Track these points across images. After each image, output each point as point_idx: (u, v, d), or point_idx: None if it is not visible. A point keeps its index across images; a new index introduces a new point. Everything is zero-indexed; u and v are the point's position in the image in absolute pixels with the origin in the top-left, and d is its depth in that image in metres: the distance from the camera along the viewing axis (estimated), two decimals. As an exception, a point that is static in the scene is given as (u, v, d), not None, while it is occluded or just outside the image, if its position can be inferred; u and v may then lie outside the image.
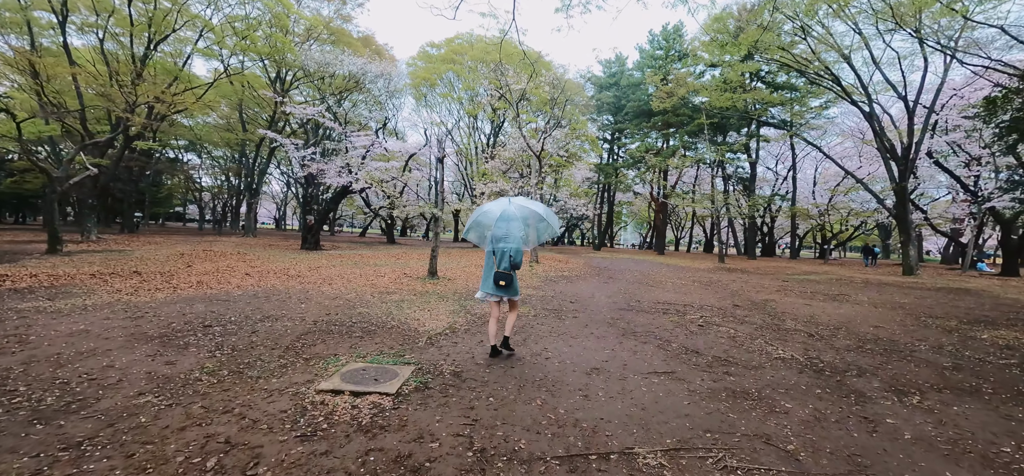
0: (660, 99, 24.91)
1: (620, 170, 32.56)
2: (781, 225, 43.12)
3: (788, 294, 10.64)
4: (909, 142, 18.25)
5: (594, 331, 5.81)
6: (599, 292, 9.88)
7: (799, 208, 31.19)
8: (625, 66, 32.49)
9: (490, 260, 4.36)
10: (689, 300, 9.07)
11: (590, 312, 7.23)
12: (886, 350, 5.27)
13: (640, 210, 50.44)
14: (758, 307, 8.43)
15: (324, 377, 3.75)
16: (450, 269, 13.73)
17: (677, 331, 5.94)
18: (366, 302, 7.58)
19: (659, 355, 4.73)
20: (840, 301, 9.68)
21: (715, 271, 17.78)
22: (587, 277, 13.31)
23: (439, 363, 4.24)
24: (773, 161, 37.25)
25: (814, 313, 7.88)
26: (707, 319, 6.85)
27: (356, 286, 9.43)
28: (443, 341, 5.08)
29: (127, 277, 9.60)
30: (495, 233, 4.36)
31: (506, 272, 4.23)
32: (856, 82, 19.80)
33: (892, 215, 20.19)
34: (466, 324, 6.03)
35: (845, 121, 30.24)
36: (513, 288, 4.31)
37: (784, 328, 6.38)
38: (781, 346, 5.26)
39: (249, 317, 6.15)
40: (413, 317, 6.41)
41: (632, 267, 17.93)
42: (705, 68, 27.43)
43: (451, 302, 7.77)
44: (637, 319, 6.73)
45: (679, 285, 11.93)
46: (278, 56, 23.91)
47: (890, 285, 13.48)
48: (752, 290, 11.32)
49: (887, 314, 8.02)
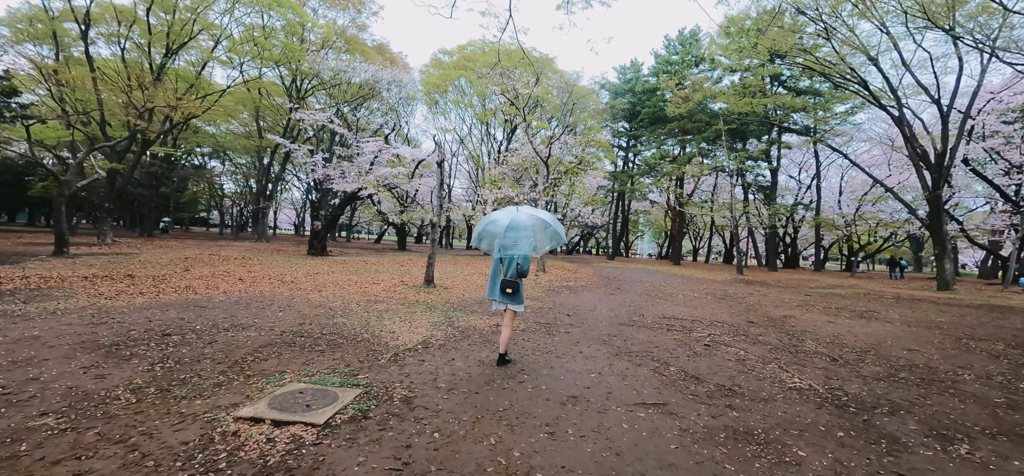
0: (675, 104, 24.11)
1: (634, 178, 31.72)
2: (805, 236, 41.44)
3: (810, 310, 9.79)
4: (943, 148, 17.07)
5: (584, 350, 5.20)
6: (602, 304, 9.24)
7: (824, 218, 29.80)
8: (640, 72, 31.77)
9: (497, 267, 4.38)
10: (699, 315, 8.35)
11: (586, 327, 6.62)
12: (924, 380, 4.52)
13: (657, 219, 49.29)
14: (775, 325, 7.67)
15: (252, 401, 3.26)
16: (450, 277, 13.25)
17: (679, 351, 5.29)
18: (348, 311, 7.12)
19: (652, 381, 4.10)
20: (868, 318, 8.81)
21: (732, 283, 16.86)
22: (593, 288, 12.64)
23: (393, 385, 3.71)
24: (796, 169, 35.88)
25: (838, 332, 7.09)
26: (715, 338, 6.16)
27: (346, 294, 9.01)
28: (409, 358, 4.56)
29: (118, 280, 9.39)
30: (504, 241, 4.36)
31: (512, 280, 4.24)
32: (884, 86, 18.69)
33: (925, 226, 18.92)
34: (443, 338, 5.50)
35: (872, 127, 28.90)
36: (518, 298, 4.31)
37: (803, 350, 5.65)
38: (798, 373, 4.56)
39: (216, 325, 5.75)
40: (389, 329, 5.91)
41: (643, 278, 17.15)
42: (723, 73, 26.53)
43: (438, 313, 7.26)
44: (636, 336, 6.09)
45: (690, 298, 11.17)
46: (294, 64, 24.04)
47: (924, 301, 12.43)
48: (770, 305, 10.49)
49: (922, 335, 7.16)
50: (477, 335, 5.73)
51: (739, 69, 25.49)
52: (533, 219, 4.54)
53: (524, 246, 4.30)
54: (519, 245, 4.29)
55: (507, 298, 4.27)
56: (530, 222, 4.48)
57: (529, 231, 4.41)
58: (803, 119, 27.26)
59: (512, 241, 4.31)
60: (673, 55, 28.62)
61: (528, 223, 4.45)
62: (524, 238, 4.34)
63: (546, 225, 4.64)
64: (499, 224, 4.50)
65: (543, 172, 16.15)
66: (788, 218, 33.95)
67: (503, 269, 4.29)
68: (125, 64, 21.67)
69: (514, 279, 4.24)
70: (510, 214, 4.53)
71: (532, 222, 4.51)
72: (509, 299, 4.28)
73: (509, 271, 4.24)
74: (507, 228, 4.39)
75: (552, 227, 4.68)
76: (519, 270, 4.22)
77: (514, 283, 4.24)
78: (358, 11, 29.96)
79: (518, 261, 4.22)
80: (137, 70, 17.27)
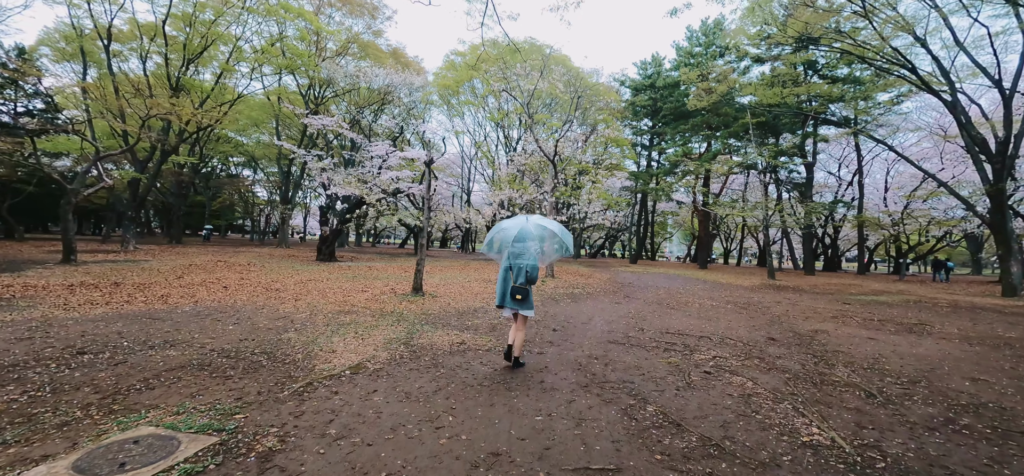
0: (698, 97, 22.54)
1: (657, 177, 30.13)
2: (847, 237, 38.54)
3: (847, 322, 8.42)
4: (1006, 135, 15.03)
5: (548, 378, 4.25)
6: (601, 316, 8.21)
7: (867, 216, 27.38)
8: (662, 67, 30.21)
9: (506, 274, 4.49)
10: (710, 329, 7.21)
11: (566, 346, 5.65)
12: (997, 430, 3.34)
13: (685, 220, 47.17)
14: (801, 342, 6.45)
15: (69, 453, 2.51)
16: (448, 284, 12.48)
17: (668, 382, 4.25)
18: (306, 325, 6.43)
19: (615, 430, 3.12)
20: (919, 334, 7.41)
21: (760, 289, 15.35)
22: (601, 295, 11.58)
23: (267, 430, 2.89)
24: (835, 164, 33.33)
25: (880, 353, 5.83)
26: (721, 361, 5.07)
27: (321, 304, 8.36)
28: (323, 389, 3.75)
29: (100, 289, 9.14)
30: (512, 250, 4.49)
31: (522, 287, 4.35)
32: (934, 69, 16.74)
33: (986, 223, 16.78)
34: (385, 361, 4.67)
35: (921, 116, 26.40)
36: (528, 303, 4.41)
37: (831, 380, 4.49)
38: (819, 415, 3.47)
39: (147, 341, 5.16)
40: (332, 348, 5.14)
41: (662, 283, 15.88)
42: (751, 63, 24.72)
43: (403, 327, 6.45)
44: (623, 358, 5.08)
45: (707, 308, 9.95)
46: (311, 71, 24.03)
47: (987, 310, 10.71)
48: (800, 316, 9.16)
49: (989, 357, 5.80)
50: (427, 357, 4.87)
51: (768, 59, 23.71)
52: (541, 229, 4.68)
53: (531, 254, 4.45)
54: (527, 253, 4.43)
55: (517, 304, 4.38)
56: (538, 232, 4.63)
57: (536, 241, 4.57)
58: (841, 110, 25.08)
59: (521, 250, 4.45)
60: (696, 47, 26.98)
61: (536, 233, 4.60)
62: (531, 247, 4.49)
63: (553, 235, 4.79)
64: (508, 233, 4.64)
65: (551, 172, 15.16)
66: (827, 217, 31.51)
67: (512, 276, 4.40)
68: (146, 75, 22.19)
69: (523, 286, 4.35)
70: (519, 223, 4.64)
71: (540, 232, 4.66)
72: (519, 305, 4.39)
73: (519, 278, 4.36)
74: (516, 237, 4.51)
75: (559, 237, 4.81)
76: (528, 277, 4.36)
77: (524, 289, 4.35)
78: (373, 17, 29.92)
79: (527, 269, 4.36)
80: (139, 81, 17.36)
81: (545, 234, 4.74)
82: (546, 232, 4.74)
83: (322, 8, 27.00)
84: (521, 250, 4.46)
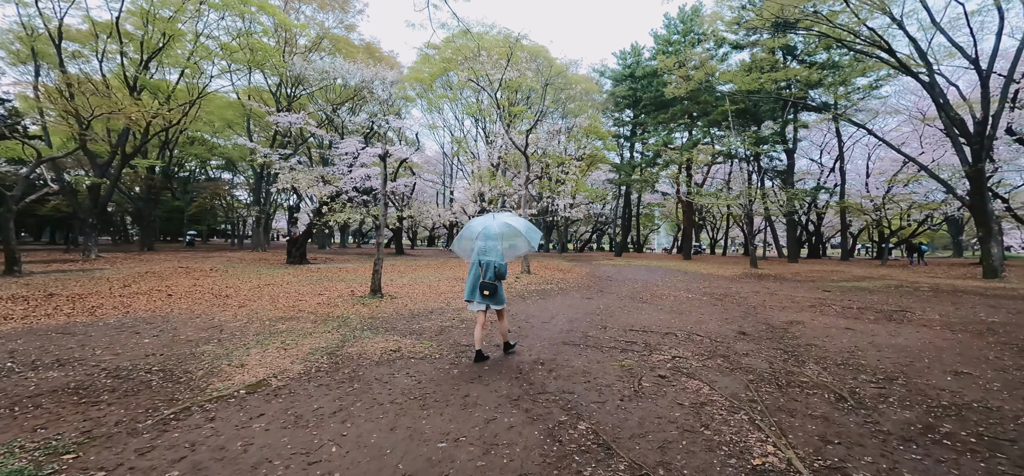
0: (676, 84, 22.07)
1: (639, 168, 29.70)
2: (831, 223, 38.59)
3: (825, 311, 8.00)
4: (984, 115, 14.80)
5: (477, 390, 3.70)
6: (567, 313, 7.68)
7: (849, 202, 27.28)
8: (641, 56, 29.75)
9: (475, 271, 4.50)
10: (680, 324, 6.72)
11: (518, 348, 5.10)
12: (983, 434, 2.86)
13: (671, 212, 46.95)
14: (773, 335, 5.98)
15: None
16: (412, 285, 11.88)
17: (614, 389, 3.73)
18: (235, 335, 5.81)
19: (527, 459, 2.56)
20: (899, 321, 7.00)
21: (740, 279, 14.98)
22: (573, 291, 11.07)
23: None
24: (817, 151, 33.24)
25: (856, 345, 5.37)
26: (680, 362, 4.56)
27: (265, 310, 7.72)
28: (199, 414, 3.14)
29: (30, 301, 8.43)
30: (480, 247, 4.55)
31: (491, 282, 4.39)
32: (912, 51, 16.50)
33: (966, 205, 16.59)
34: (298, 375, 4.09)
35: (900, 100, 26.30)
36: (498, 297, 4.47)
37: (798, 381, 4.00)
38: (779, 428, 2.96)
39: (33, 361, 4.56)
40: (244, 362, 4.53)
41: (641, 276, 15.43)
42: (729, 50, 24.35)
43: (340, 333, 5.85)
44: (573, 362, 4.54)
45: (681, 300, 9.49)
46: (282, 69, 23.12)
47: (969, 293, 10.41)
48: (777, 306, 8.73)
49: (972, 345, 5.39)
50: (348, 370, 4.28)
51: (747, 45, 23.37)
52: (506, 227, 4.75)
53: (498, 251, 4.55)
54: (495, 250, 4.52)
55: (487, 299, 4.44)
56: (503, 229, 4.71)
57: (498, 239, 4.62)
58: (821, 96, 24.87)
59: (488, 247, 4.52)
60: (674, 35, 26.55)
61: (502, 230, 4.70)
62: (497, 244, 4.58)
63: (517, 233, 4.82)
64: (474, 230, 4.78)
65: (524, 165, 14.58)
66: (810, 204, 31.41)
67: (482, 273, 4.43)
68: (104, 77, 21.15)
69: (492, 282, 4.39)
70: (486, 221, 4.76)
71: (505, 229, 4.73)
72: (489, 300, 4.44)
73: (487, 274, 4.41)
74: (483, 234, 4.60)
75: (523, 234, 4.83)
76: (497, 273, 4.44)
77: (492, 285, 4.39)
78: (344, 11, 28.99)
79: (495, 265, 4.44)
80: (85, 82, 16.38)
81: (509, 232, 4.77)
82: (511, 229, 4.78)
83: (291, 1, 26.07)
84: (488, 247, 4.52)
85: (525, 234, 4.82)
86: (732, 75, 22.35)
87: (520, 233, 4.81)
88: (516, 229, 4.79)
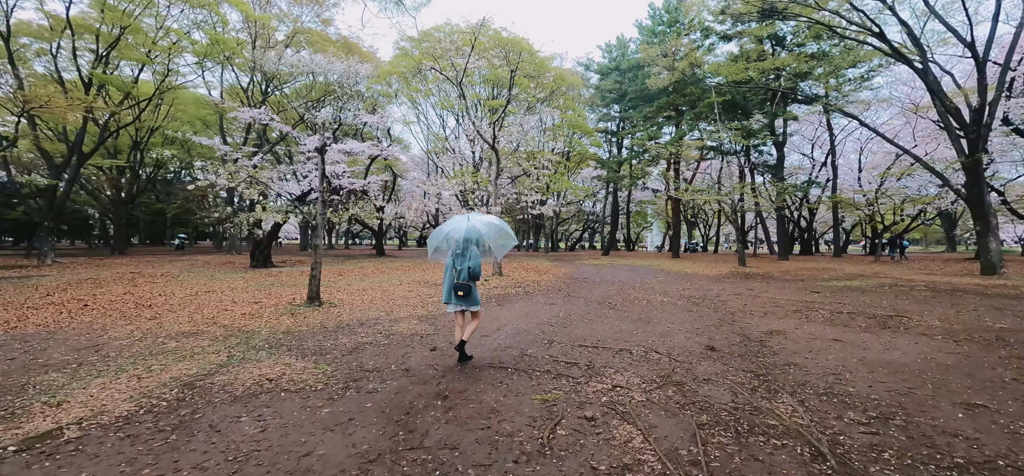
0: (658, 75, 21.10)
1: (625, 163, 28.74)
2: (823, 219, 37.84)
3: (811, 317, 7.08)
4: (981, 102, 13.98)
5: (325, 442, 2.73)
6: (516, 323, 6.72)
7: (841, 197, 26.48)
8: (627, 49, 28.81)
9: (450, 273, 4.46)
10: (642, 336, 5.77)
11: (432, 371, 4.13)
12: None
13: (663, 209, 46.04)
14: (747, 352, 5.03)
15: None
16: (366, 290, 10.88)
17: (516, 441, 2.76)
18: (111, 356, 4.85)
19: None
20: (894, 329, 6.08)
21: (725, 279, 14.08)
22: (540, 295, 10.11)
23: None
24: (808, 146, 32.43)
25: (844, 364, 4.44)
26: (620, 394, 3.60)
27: (174, 323, 6.72)
28: None
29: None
30: (454, 249, 4.50)
31: (465, 283, 4.35)
32: (904, 38, 15.70)
33: (962, 198, 15.77)
34: (109, 423, 3.09)
35: (893, 92, 25.51)
36: (472, 299, 4.42)
37: (764, 425, 3.05)
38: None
39: None
40: (69, 398, 3.53)
41: (621, 277, 14.50)
42: (716, 40, 23.43)
43: (225, 355, 4.85)
44: (484, 396, 3.57)
45: (653, 306, 8.54)
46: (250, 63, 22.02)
47: (968, 292, 9.54)
48: (758, 311, 7.80)
49: (980, 361, 4.46)
50: (188, 410, 3.29)
51: (734, 35, 22.48)
52: (483, 227, 4.57)
53: (474, 252, 4.48)
54: (468, 251, 4.45)
55: (461, 301, 4.39)
56: (479, 230, 4.54)
57: (475, 240, 4.57)
58: (811, 88, 24.04)
59: (461, 247, 4.46)
60: (659, 26, 25.61)
61: (477, 231, 4.53)
62: (473, 245, 4.51)
63: (497, 232, 4.67)
64: (445, 232, 4.66)
65: (494, 160, 13.59)
66: (801, 199, 30.62)
67: (456, 275, 4.38)
68: (59, 71, 20.00)
69: (466, 283, 4.34)
70: (459, 222, 4.61)
71: (481, 230, 4.55)
72: (464, 301, 4.40)
73: (462, 276, 4.36)
74: (456, 235, 4.52)
75: (500, 235, 4.70)
76: (471, 274, 4.38)
77: (466, 286, 4.34)
78: (320, 4, 27.91)
79: (470, 265, 4.38)
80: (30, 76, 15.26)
81: (486, 231, 4.58)
82: (488, 229, 4.60)
83: (264, -6, 24.95)
84: (461, 247, 4.45)
85: (501, 234, 4.67)
86: (719, 66, 21.46)
87: (499, 232, 4.65)
88: (495, 228, 4.64)
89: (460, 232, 4.48)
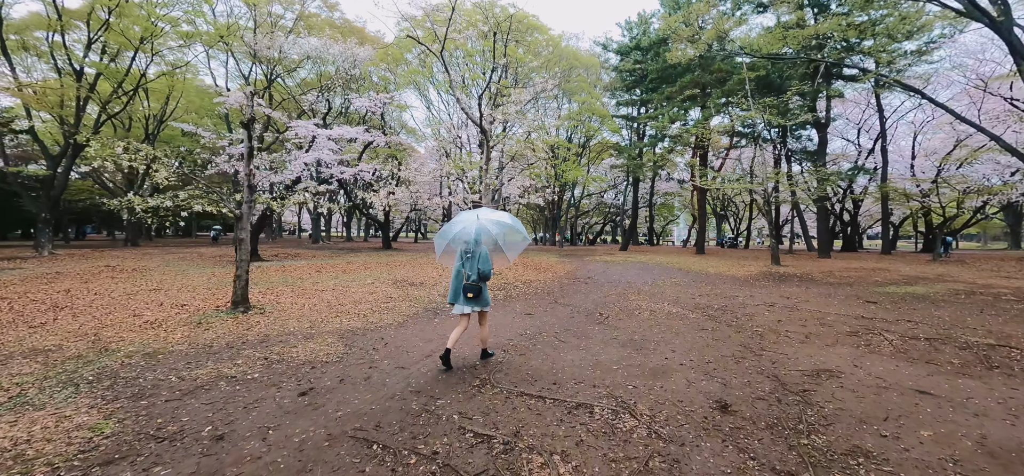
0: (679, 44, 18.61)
1: (648, 151, 26.41)
2: (868, 211, 34.31)
3: (874, 346, 5.08)
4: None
5: None
6: (459, 348, 5.03)
7: (891, 186, 23.44)
8: (649, 25, 26.34)
9: (459, 273, 4.28)
10: (620, 377, 3.99)
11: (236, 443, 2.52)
12: None
13: (690, 201, 43.18)
14: (783, 418, 3.17)
15: None
16: (322, 292, 9.42)
17: None
18: None
19: None
20: (1008, 371, 4.08)
21: (754, 282, 11.93)
22: (518, 301, 8.39)
23: None
24: (853, 131, 29.17)
25: (949, 442, 2.56)
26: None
27: (44, 333, 5.36)
28: None
29: None
30: (463, 249, 4.30)
31: (474, 284, 4.15)
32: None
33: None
34: None
35: (955, 63, 22.21)
36: (482, 299, 4.25)
37: None
38: None
39: None
40: None
41: (629, 277, 12.57)
42: (749, 9, 20.78)
43: (19, 388, 3.37)
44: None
45: (657, 320, 6.67)
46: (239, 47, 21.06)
47: (1084, 308, 7.21)
48: (797, 332, 5.83)
49: None
50: None
51: (769, 3, 19.86)
52: (493, 224, 4.36)
53: (484, 250, 4.22)
54: (478, 251, 4.21)
55: (471, 302, 4.19)
56: (489, 227, 4.32)
57: (486, 235, 4.31)
58: (860, 62, 21.10)
59: (471, 247, 4.23)
60: (684, -4, 23.09)
61: (488, 228, 4.31)
62: (484, 241, 4.27)
63: (508, 230, 4.48)
64: (453, 233, 4.39)
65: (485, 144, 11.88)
66: (845, 189, 27.56)
67: (465, 274, 4.20)
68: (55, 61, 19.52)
69: (475, 283, 4.16)
70: (467, 222, 4.34)
71: (492, 227, 4.33)
72: (473, 302, 4.20)
73: (471, 276, 4.17)
74: (466, 232, 4.27)
75: (513, 230, 4.50)
76: (481, 274, 4.17)
77: (476, 287, 4.15)
78: (326, -9, 26.72)
79: (479, 267, 4.16)
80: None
81: (497, 227, 4.35)
82: (499, 226, 4.38)
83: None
84: (472, 247, 4.20)
85: (512, 234, 4.49)
86: (750, 40, 18.96)
87: (510, 229, 4.46)
88: (506, 225, 4.43)
89: (469, 232, 4.23)
